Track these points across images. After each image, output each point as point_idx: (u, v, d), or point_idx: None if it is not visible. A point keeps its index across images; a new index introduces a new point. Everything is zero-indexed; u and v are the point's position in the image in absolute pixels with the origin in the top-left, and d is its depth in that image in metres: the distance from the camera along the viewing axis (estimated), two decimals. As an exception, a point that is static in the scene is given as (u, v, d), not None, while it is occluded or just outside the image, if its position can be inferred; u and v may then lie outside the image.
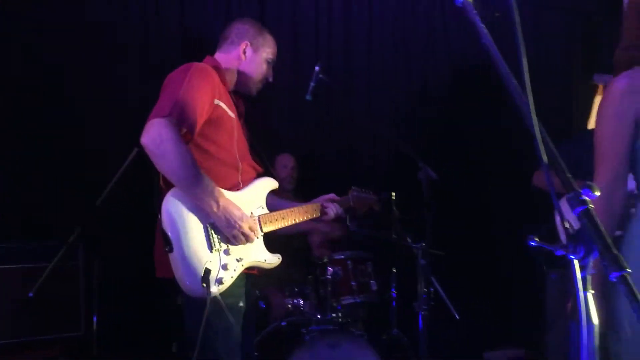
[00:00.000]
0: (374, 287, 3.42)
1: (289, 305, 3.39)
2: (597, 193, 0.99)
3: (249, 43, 2.43)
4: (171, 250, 2.02)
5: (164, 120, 2.01)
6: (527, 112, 1.08)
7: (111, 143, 3.72)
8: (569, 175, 1.03)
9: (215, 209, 2.07)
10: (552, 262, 3.38)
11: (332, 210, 2.59)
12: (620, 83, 1.78)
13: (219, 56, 2.44)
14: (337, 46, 4.47)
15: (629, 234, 1.78)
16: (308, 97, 3.41)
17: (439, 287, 3.38)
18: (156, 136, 1.99)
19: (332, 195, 2.63)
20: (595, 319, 0.99)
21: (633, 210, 1.80)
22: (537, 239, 1.05)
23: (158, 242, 2.17)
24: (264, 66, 2.48)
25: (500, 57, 1.16)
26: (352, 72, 4.51)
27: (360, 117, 4.37)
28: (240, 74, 2.43)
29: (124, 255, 3.71)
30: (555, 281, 3.31)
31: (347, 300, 3.33)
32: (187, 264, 2.02)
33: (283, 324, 3.26)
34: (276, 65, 2.53)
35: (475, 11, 1.22)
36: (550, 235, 3.43)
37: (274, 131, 4.31)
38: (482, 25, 1.20)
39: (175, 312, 3.28)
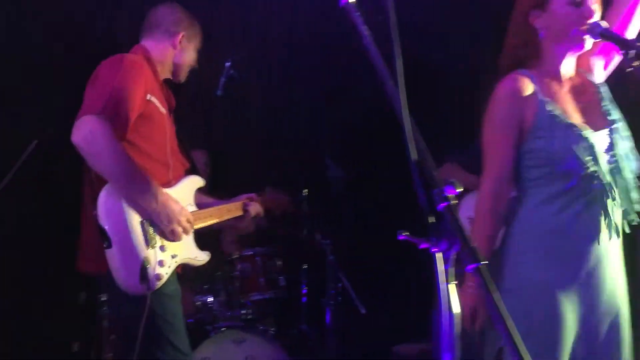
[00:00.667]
0: (283, 283, 3.44)
1: (198, 303, 3.37)
2: (460, 189, 1.04)
3: (184, 34, 2.39)
4: (109, 246, 1.99)
5: (96, 117, 1.95)
6: (399, 110, 1.13)
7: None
8: (437, 173, 1.08)
9: (154, 205, 2.04)
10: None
11: (254, 209, 2.59)
12: (505, 88, 1.87)
13: (149, 45, 2.36)
14: (254, 41, 4.45)
15: (510, 231, 1.89)
16: (219, 92, 3.40)
17: (346, 283, 3.44)
18: (88, 134, 1.93)
19: (252, 195, 2.64)
20: (456, 309, 1.04)
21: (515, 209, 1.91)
22: (407, 233, 1.10)
23: (86, 236, 2.14)
24: (195, 55, 2.47)
25: (380, 58, 1.20)
26: (270, 67, 4.51)
27: (275, 114, 4.38)
28: (174, 64, 2.40)
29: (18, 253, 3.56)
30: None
31: (256, 296, 3.34)
32: (125, 260, 2.00)
33: (190, 321, 3.23)
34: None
35: (357, 13, 1.26)
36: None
37: (187, 127, 4.25)
38: (364, 27, 1.24)
39: (77, 310, 3.19)
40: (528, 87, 1.83)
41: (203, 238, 2.33)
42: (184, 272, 2.29)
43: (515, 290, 1.78)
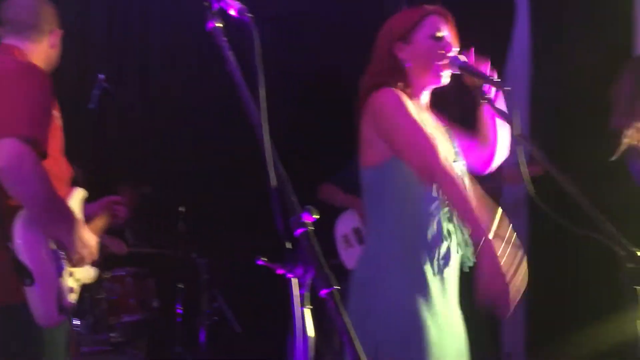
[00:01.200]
0: (156, 304, 3.35)
1: (63, 326, 3.19)
2: (317, 216, 1.07)
3: (58, 31, 2.14)
4: (31, 283, 1.82)
5: (19, 139, 1.74)
6: (262, 137, 1.14)
7: None
8: (294, 199, 1.10)
9: (72, 232, 1.91)
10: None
11: (121, 211, 2.44)
12: (390, 93, 1.85)
13: (27, 47, 2.06)
14: (131, 53, 4.32)
15: (369, 254, 1.94)
16: (91, 106, 3.28)
17: (222, 302, 3.41)
18: (13, 159, 1.73)
19: (114, 198, 2.49)
20: (311, 332, 1.07)
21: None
22: (265, 259, 1.11)
23: None
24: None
25: (244, 83, 1.22)
26: (148, 82, 4.39)
27: (149, 128, 4.25)
28: (50, 66, 2.15)
29: None
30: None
31: (125, 318, 3.22)
32: (45, 294, 1.86)
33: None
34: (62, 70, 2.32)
35: (224, 38, 1.27)
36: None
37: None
38: (229, 53, 1.24)
39: None
40: (405, 99, 1.88)
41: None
42: None
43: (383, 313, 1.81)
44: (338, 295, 1.02)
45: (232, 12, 1.24)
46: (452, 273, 1.90)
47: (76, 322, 3.20)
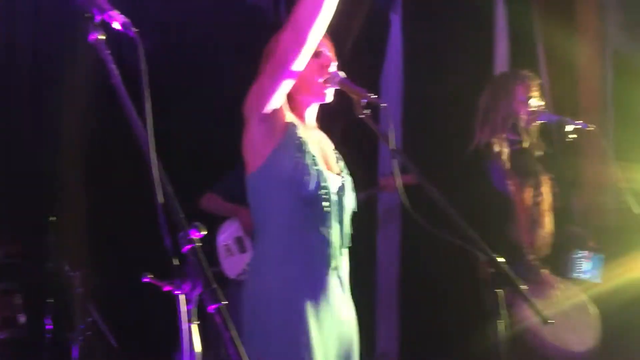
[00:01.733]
0: (23, 321, 3.15)
1: None
2: (204, 232, 1.09)
3: None
4: None
5: None
6: (147, 152, 1.14)
7: None
8: (182, 216, 1.11)
9: None
10: None
11: None
12: None
13: None
14: None
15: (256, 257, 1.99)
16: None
17: (96, 316, 3.27)
18: None
19: None
20: (198, 348, 1.08)
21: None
22: (151, 276, 1.10)
23: None
24: None
25: (127, 97, 1.20)
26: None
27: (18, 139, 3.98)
28: None
29: None
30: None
31: (-12, 337, 3.00)
32: None
33: None
34: None
35: (107, 50, 1.25)
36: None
37: None
38: (113, 66, 1.22)
39: None
40: (285, 112, 1.94)
41: None
42: None
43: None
44: (225, 310, 1.04)
45: (116, 26, 1.22)
46: (343, 268, 1.98)
47: None
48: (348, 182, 2.06)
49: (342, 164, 2.10)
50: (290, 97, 2.00)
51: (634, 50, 3.75)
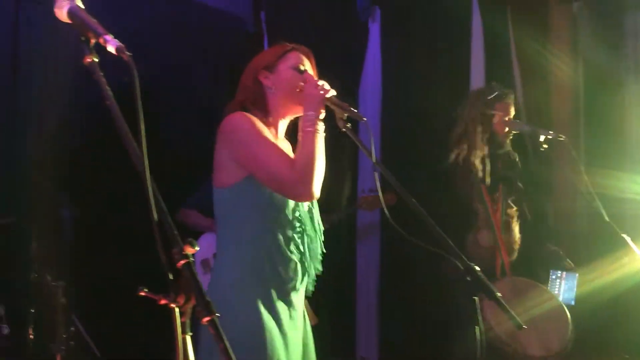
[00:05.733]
0: (6, 332, 3.15)
1: None
2: (197, 248, 1.14)
3: None
4: None
5: None
6: (142, 172, 1.19)
7: None
8: (176, 232, 1.16)
9: None
10: None
11: None
12: (239, 115, 1.97)
13: None
14: None
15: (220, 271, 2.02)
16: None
17: (80, 326, 3.29)
18: None
19: None
20: (192, 357, 1.13)
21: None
22: (146, 290, 1.16)
23: None
24: None
25: (122, 119, 1.25)
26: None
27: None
28: None
29: None
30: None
31: (-28, 349, 3.00)
32: None
33: None
34: None
35: (101, 72, 1.29)
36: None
37: None
38: (107, 87, 1.27)
39: None
40: (257, 121, 1.99)
41: None
42: None
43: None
44: (218, 322, 1.09)
45: (110, 49, 1.26)
46: (301, 289, 2.01)
47: None
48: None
49: None
50: (271, 105, 2.05)
51: (605, 61, 3.87)
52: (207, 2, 4.95)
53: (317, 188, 1.92)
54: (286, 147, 2.08)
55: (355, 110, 2.00)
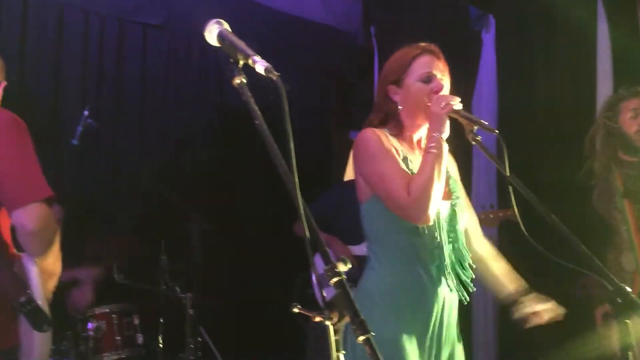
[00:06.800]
0: (141, 341, 3.32)
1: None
2: (350, 266, 1.14)
3: (3, 82, 2.10)
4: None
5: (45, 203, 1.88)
6: (293, 190, 1.20)
7: None
8: (327, 250, 1.17)
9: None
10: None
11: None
12: (368, 132, 1.98)
13: None
14: (106, 89, 4.27)
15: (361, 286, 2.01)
16: (74, 142, 3.28)
17: (207, 337, 3.41)
18: (44, 220, 1.87)
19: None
20: (346, 376, 1.13)
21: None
22: (299, 307, 1.17)
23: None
24: None
25: (271, 138, 1.28)
26: (122, 115, 4.36)
27: (129, 164, 4.22)
28: None
29: None
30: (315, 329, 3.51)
31: (110, 356, 3.18)
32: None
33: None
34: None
35: (249, 93, 1.33)
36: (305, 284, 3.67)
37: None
38: (256, 107, 1.31)
39: None
40: (387, 137, 1.99)
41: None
42: None
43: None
44: (374, 340, 1.08)
45: (259, 70, 1.30)
46: (448, 307, 1.98)
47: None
48: (459, 204, 2.06)
49: (452, 183, 2.09)
50: (403, 119, 2.04)
51: None
52: (318, 20, 5.05)
53: (432, 211, 1.88)
54: (417, 163, 2.05)
55: (486, 123, 1.94)
